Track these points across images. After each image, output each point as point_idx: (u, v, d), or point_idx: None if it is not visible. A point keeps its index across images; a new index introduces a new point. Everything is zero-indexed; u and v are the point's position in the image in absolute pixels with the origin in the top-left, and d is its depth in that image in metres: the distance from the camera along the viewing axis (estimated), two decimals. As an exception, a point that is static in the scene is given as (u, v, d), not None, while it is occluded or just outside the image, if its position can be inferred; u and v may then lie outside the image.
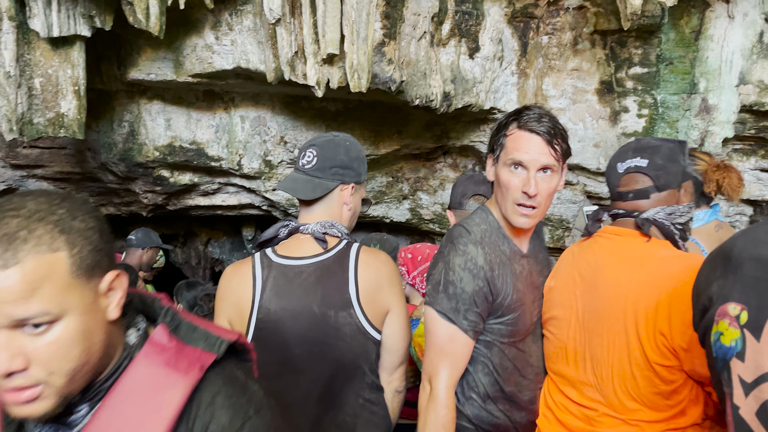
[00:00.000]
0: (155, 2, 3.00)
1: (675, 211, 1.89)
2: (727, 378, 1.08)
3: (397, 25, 3.55)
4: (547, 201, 1.86)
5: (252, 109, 4.52)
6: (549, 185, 1.83)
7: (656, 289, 1.72)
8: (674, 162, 1.90)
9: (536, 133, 1.79)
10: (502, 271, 1.90)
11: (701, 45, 3.81)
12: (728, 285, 1.09)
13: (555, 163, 1.81)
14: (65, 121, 3.36)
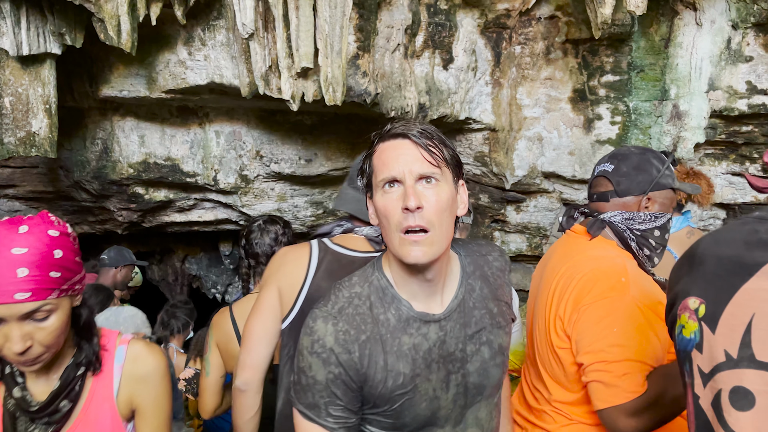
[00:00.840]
0: (126, 18, 2.98)
1: (634, 217, 1.97)
2: (689, 369, 1.14)
3: (370, 37, 3.56)
4: (441, 219, 1.37)
5: (227, 123, 4.50)
6: (438, 198, 1.36)
7: (569, 280, 1.88)
8: (641, 171, 1.99)
9: (403, 135, 1.40)
10: (373, 349, 1.42)
11: (671, 52, 3.88)
12: (690, 281, 1.16)
13: (436, 170, 1.37)
14: (36, 140, 3.31)
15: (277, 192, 4.92)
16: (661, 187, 1.99)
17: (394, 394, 1.42)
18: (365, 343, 1.42)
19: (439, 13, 3.81)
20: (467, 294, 1.53)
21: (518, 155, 4.32)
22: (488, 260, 1.62)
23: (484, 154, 4.48)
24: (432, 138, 1.41)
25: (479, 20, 3.98)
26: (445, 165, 1.40)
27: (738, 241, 1.09)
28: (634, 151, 2.05)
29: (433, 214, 1.35)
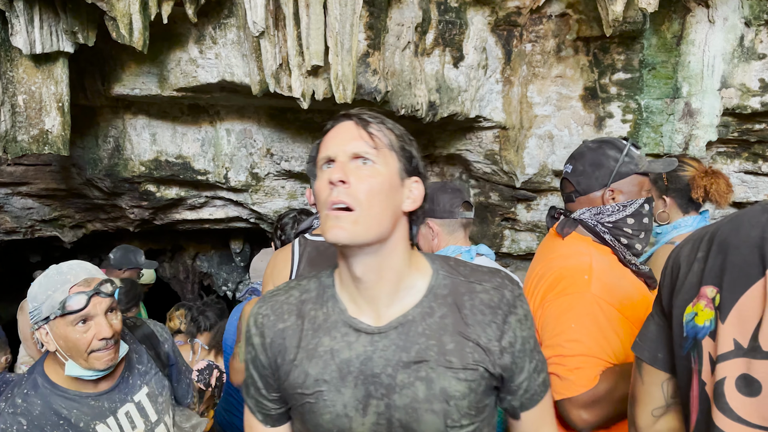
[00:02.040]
0: (138, 17, 2.99)
1: (602, 210, 2.01)
2: (696, 356, 1.17)
3: (381, 35, 3.56)
4: (371, 202, 1.26)
5: (238, 122, 4.52)
6: (371, 180, 1.26)
7: (541, 279, 1.95)
8: (598, 166, 2.03)
9: (347, 117, 1.35)
10: (288, 341, 1.36)
11: (683, 50, 3.85)
12: (707, 268, 1.17)
13: (372, 150, 1.28)
14: (49, 137, 3.34)
15: (288, 190, 4.94)
16: (623, 175, 2.01)
17: (295, 391, 1.35)
18: (282, 332, 1.37)
19: (450, 10, 3.81)
20: (421, 317, 1.33)
21: (529, 153, 4.31)
22: (473, 289, 1.36)
23: (494, 152, 4.47)
24: (380, 123, 1.33)
25: (490, 18, 3.97)
26: (388, 150, 1.31)
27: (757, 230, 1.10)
28: (590, 146, 2.09)
29: (361, 192, 1.25)
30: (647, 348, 1.39)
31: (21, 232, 5.77)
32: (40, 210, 5.35)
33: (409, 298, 1.34)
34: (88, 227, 5.92)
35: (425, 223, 2.73)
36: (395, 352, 1.29)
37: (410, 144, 1.36)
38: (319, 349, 1.33)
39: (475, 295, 1.35)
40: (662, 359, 1.35)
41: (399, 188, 1.31)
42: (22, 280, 8.67)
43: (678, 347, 1.24)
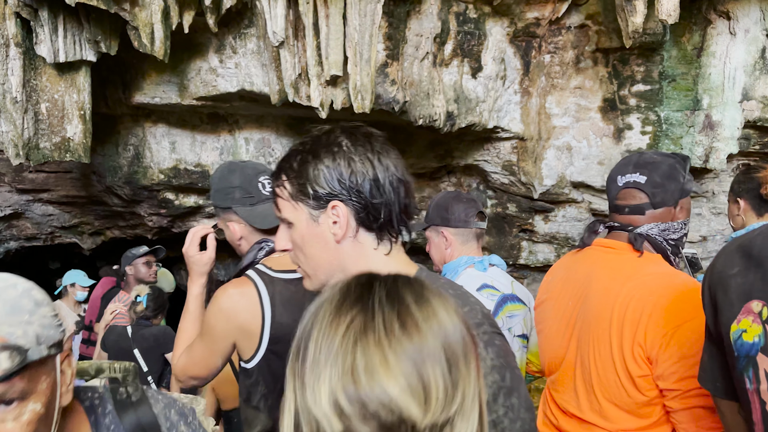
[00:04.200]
0: (160, 26, 3.03)
1: (669, 227, 1.91)
2: (753, 374, 1.10)
3: (399, 46, 3.58)
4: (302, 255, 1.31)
5: (256, 131, 4.55)
6: (293, 240, 1.31)
7: (640, 303, 1.74)
8: (673, 180, 1.91)
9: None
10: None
11: (703, 62, 3.82)
12: (749, 282, 1.12)
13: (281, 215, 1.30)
14: (71, 145, 3.38)
15: (305, 199, 4.95)
16: (686, 193, 1.93)
17: None
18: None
19: (468, 21, 3.81)
20: None
21: (547, 164, 4.29)
22: None
23: (512, 163, 4.46)
24: (279, 176, 1.30)
25: (508, 29, 3.97)
26: (289, 203, 1.28)
27: None
28: (659, 158, 1.96)
29: (295, 256, 1.34)
30: (709, 377, 1.33)
31: (41, 239, 5.83)
32: (61, 217, 5.41)
33: None
34: (107, 234, 5.98)
35: (439, 233, 2.69)
36: None
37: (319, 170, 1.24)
38: None
39: None
40: (722, 388, 1.28)
41: (317, 231, 1.27)
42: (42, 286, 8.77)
43: (732, 369, 1.17)
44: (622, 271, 1.88)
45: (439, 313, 0.77)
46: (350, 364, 0.71)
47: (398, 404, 0.70)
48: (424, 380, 0.72)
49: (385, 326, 0.73)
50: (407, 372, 0.71)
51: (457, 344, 0.76)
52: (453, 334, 0.76)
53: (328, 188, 1.23)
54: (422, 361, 0.72)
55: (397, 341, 0.72)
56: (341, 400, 0.70)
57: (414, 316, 0.75)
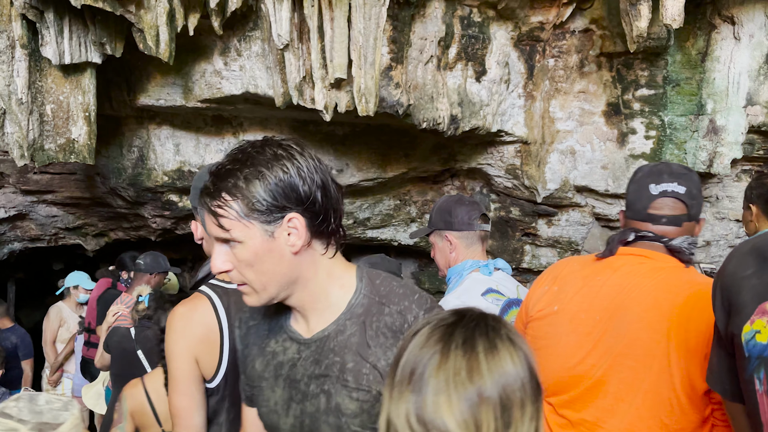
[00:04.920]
0: (165, 29, 3.04)
1: (695, 241, 1.85)
2: (764, 376, 1.09)
3: (404, 49, 3.58)
4: (253, 273, 1.28)
5: (260, 133, 4.55)
6: (240, 258, 1.26)
7: (701, 313, 1.65)
8: (701, 193, 1.89)
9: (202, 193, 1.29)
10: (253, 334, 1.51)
11: (708, 66, 3.82)
12: (764, 283, 1.11)
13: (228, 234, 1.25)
14: (76, 146, 3.39)
15: (308, 201, 4.96)
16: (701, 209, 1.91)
17: (248, 382, 1.50)
18: (252, 328, 1.52)
19: (473, 25, 3.82)
20: (335, 333, 1.36)
21: (550, 168, 4.29)
22: (382, 311, 1.35)
23: (515, 167, 4.46)
24: (224, 193, 1.23)
25: (513, 33, 3.97)
26: (240, 222, 1.23)
27: None
28: (688, 170, 1.91)
29: (240, 274, 1.29)
30: (718, 379, 1.33)
31: (45, 240, 5.85)
32: (65, 218, 5.42)
33: (330, 315, 1.37)
34: (111, 236, 5.99)
35: (443, 237, 2.65)
36: (311, 364, 1.37)
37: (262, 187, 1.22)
38: (266, 348, 1.46)
39: (381, 317, 1.35)
40: (729, 390, 1.27)
41: (272, 246, 1.26)
42: (45, 287, 8.78)
43: (741, 371, 1.16)
44: (668, 281, 1.78)
45: (504, 363, 0.92)
46: (423, 395, 0.91)
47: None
48: (476, 419, 0.89)
49: (454, 370, 0.91)
50: (464, 411, 0.88)
51: (515, 391, 0.91)
52: (513, 382, 0.92)
53: (282, 202, 1.23)
54: (479, 403, 0.89)
55: (462, 385, 0.89)
56: (411, 419, 0.91)
57: (480, 366, 0.91)
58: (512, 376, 0.92)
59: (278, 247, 1.27)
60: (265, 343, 1.46)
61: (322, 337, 1.36)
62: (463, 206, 2.69)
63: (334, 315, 1.37)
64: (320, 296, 1.37)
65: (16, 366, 5.67)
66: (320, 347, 1.36)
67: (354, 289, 1.38)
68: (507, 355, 0.93)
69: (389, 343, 1.32)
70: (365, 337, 1.34)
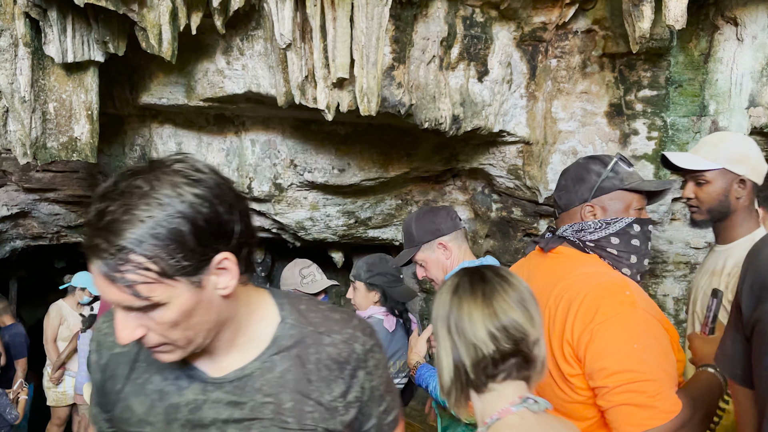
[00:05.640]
0: (168, 28, 3.04)
1: (584, 227, 1.92)
2: None
3: (406, 49, 3.58)
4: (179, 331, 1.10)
5: (262, 132, 4.56)
6: (162, 321, 1.07)
7: (567, 302, 1.75)
8: (579, 181, 1.95)
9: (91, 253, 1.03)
10: (120, 368, 1.27)
11: (710, 67, 3.82)
12: None
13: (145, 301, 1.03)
14: (78, 145, 3.39)
15: (310, 201, 4.96)
16: (604, 191, 1.92)
17: (120, 425, 1.26)
18: (116, 357, 1.27)
19: (475, 25, 3.82)
20: (260, 372, 1.21)
21: (552, 169, 4.29)
22: (321, 341, 1.24)
23: (517, 167, 4.46)
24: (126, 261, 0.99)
25: (515, 33, 3.97)
26: (168, 280, 1.03)
27: None
28: (579, 162, 2.03)
29: (159, 336, 1.09)
30: (728, 362, 1.34)
31: (47, 238, 5.86)
32: (67, 216, 5.43)
33: (250, 350, 1.22)
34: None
35: (434, 247, 2.61)
36: (228, 407, 1.19)
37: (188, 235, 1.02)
38: (148, 386, 1.23)
39: (322, 348, 1.24)
40: (741, 375, 1.29)
41: (201, 297, 1.09)
42: (47, 285, 8.79)
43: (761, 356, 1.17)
44: (554, 273, 1.91)
45: (518, 279, 1.38)
46: (492, 310, 1.29)
47: (522, 326, 1.29)
48: (530, 312, 1.32)
49: (502, 289, 1.33)
50: (521, 309, 1.31)
51: (531, 294, 1.37)
52: (528, 288, 1.38)
53: (212, 244, 1.06)
54: (524, 301, 1.33)
55: (509, 295, 1.32)
56: (492, 329, 1.27)
57: (511, 282, 1.36)
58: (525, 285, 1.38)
59: (207, 296, 1.10)
60: (145, 379, 1.23)
61: (241, 377, 1.20)
62: (439, 211, 2.67)
63: (255, 350, 1.22)
64: (240, 332, 1.21)
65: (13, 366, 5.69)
66: (240, 387, 1.19)
67: (277, 319, 1.25)
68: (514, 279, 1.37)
69: (333, 376, 1.22)
70: (304, 373, 1.21)
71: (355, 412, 1.27)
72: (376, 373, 1.30)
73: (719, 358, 1.38)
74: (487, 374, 1.28)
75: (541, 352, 1.32)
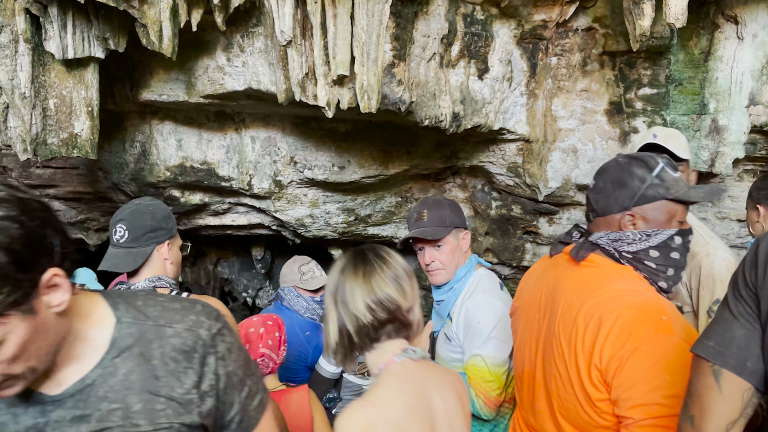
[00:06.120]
0: (168, 24, 3.04)
1: (622, 237, 1.74)
2: None
3: (407, 46, 3.58)
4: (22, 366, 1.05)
5: (262, 129, 4.56)
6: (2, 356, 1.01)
7: (598, 322, 1.62)
8: (620, 185, 1.77)
9: None
10: None
11: (711, 66, 3.82)
12: None
13: None
14: (78, 141, 3.39)
15: (310, 198, 4.96)
16: (648, 199, 1.73)
17: None
18: None
19: (476, 23, 3.82)
20: (103, 378, 1.14)
21: (552, 167, 4.29)
22: (163, 334, 1.19)
23: (517, 165, 4.46)
24: None
25: (516, 31, 3.97)
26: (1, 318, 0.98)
27: None
28: (619, 161, 1.84)
29: (1, 375, 1.04)
30: (732, 355, 1.24)
31: (47, 234, 5.85)
32: (67, 212, 5.43)
33: (88, 358, 1.15)
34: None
35: (460, 236, 2.63)
36: (73, 424, 1.11)
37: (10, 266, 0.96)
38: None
39: (165, 341, 1.18)
40: (751, 369, 1.22)
41: (36, 322, 1.03)
42: (46, 281, 8.81)
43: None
44: (585, 286, 1.74)
45: (395, 259, 1.65)
46: (369, 287, 1.54)
47: (395, 299, 1.55)
48: (403, 287, 1.59)
49: (379, 268, 1.58)
50: (395, 285, 1.57)
51: (406, 271, 1.64)
52: (405, 265, 1.66)
53: (36, 265, 1.01)
54: (398, 278, 1.59)
55: (385, 273, 1.58)
56: (369, 302, 1.53)
57: (388, 261, 1.61)
58: (401, 263, 1.65)
59: (42, 319, 1.04)
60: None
61: (82, 388, 1.13)
62: (454, 204, 2.71)
63: (94, 358, 1.15)
64: (76, 342, 1.14)
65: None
66: (82, 400, 1.12)
67: (113, 320, 1.18)
68: (391, 257, 1.64)
69: (182, 367, 1.17)
70: (150, 370, 1.16)
71: (212, 401, 1.22)
72: (230, 357, 1.25)
73: (716, 350, 1.28)
74: (370, 338, 1.55)
75: (415, 317, 1.60)
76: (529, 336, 1.92)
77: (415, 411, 1.44)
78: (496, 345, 2.36)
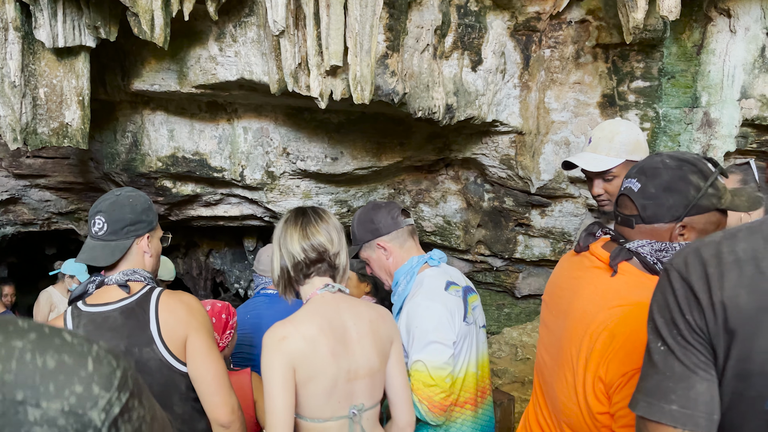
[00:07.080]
0: (160, 13, 3.02)
1: (667, 248, 1.61)
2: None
3: (400, 37, 3.57)
4: None
5: (255, 120, 4.54)
6: None
7: (611, 336, 1.55)
8: (674, 192, 1.60)
9: None
10: None
11: (703, 59, 3.83)
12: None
13: None
14: (69, 131, 3.37)
15: (303, 189, 4.95)
16: (702, 210, 1.58)
17: None
18: None
19: (469, 14, 3.81)
20: None
21: (545, 159, 4.30)
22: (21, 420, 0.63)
23: (510, 157, 4.47)
24: None
25: (509, 22, 3.97)
26: None
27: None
28: (668, 164, 1.64)
29: None
30: (702, 415, 1.10)
31: (38, 224, 5.83)
32: (57, 202, 5.40)
33: None
34: (104, 221, 5.96)
35: (374, 247, 2.52)
36: None
37: None
38: None
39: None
40: (716, 420, 1.09)
41: None
42: (37, 272, 8.76)
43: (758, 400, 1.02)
44: (604, 294, 1.65)
45: (329, 216, 2.02)
46: (304, 233, 1.92)
47: (324, 244, 1.92)
48: (332, 236, 1.95)
49: (315, 221, 1.95)
50: (326, 234, 1.93)
51: (335, 226, 1.99)
52: (336, 223, 2.00)
53: None
54: (328, 229, 1.95)
55: (319, 225, 1.94)
56: (303, 245, 1.91)
57: (323, 216, 1.99)
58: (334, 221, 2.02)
59: None
60: None
61: None
62: (380, 209, 2.57)
63: None
64: None
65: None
66: None
67: None
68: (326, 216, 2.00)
69: None
70: None
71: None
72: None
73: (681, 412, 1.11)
74: (303, 273, 1.94)
75: (341, 261, 1.97)
76: (546, 332, 1.91)
77: (325, 329, 1.83)
78: (436, 348, 2.27)
